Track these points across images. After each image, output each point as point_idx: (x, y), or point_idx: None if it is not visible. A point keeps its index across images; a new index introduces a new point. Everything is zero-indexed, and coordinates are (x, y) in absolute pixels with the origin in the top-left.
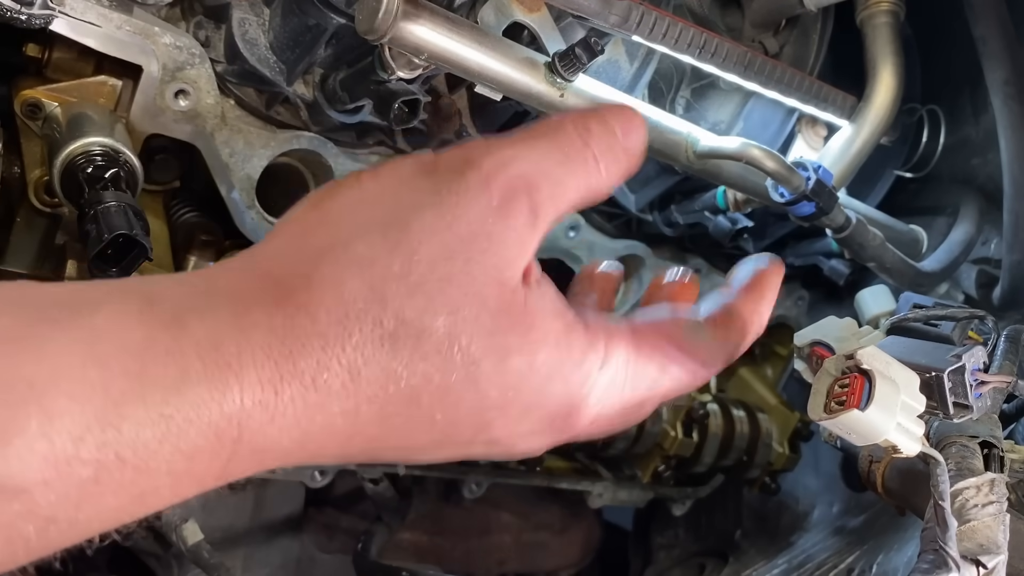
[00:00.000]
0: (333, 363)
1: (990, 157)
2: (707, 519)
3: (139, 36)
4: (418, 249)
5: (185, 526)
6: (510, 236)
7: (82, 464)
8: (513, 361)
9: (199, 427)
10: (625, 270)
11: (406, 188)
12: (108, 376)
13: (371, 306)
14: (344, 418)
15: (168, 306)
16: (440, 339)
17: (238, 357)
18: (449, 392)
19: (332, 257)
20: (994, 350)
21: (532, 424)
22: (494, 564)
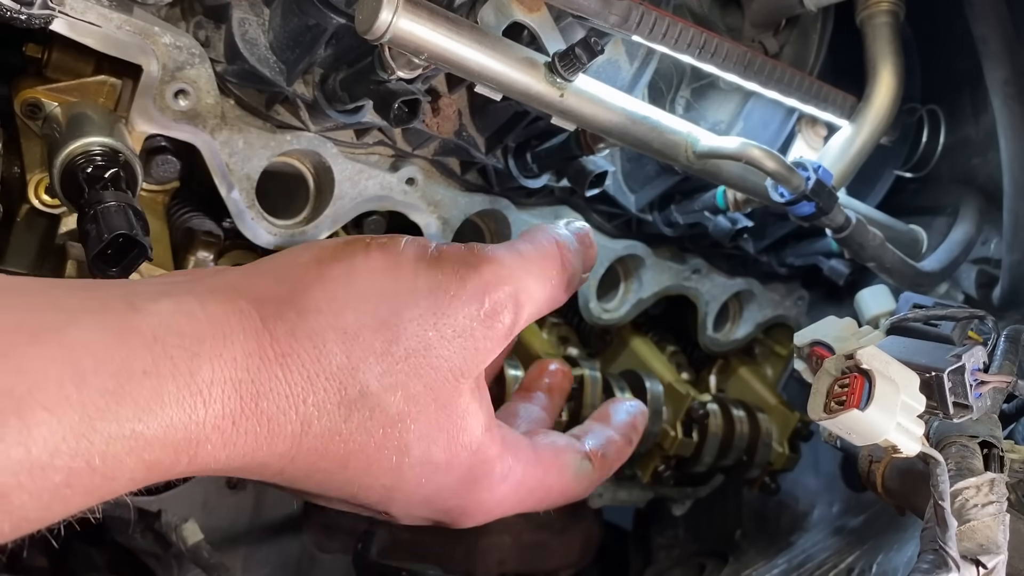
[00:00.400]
0: (291, 412)
1: (990, 157)
2: (707, 519)
3: (139, 36)
4: (401, 336)
5: (185, 526)
6: (485, 345)
7: (55, 471)
8: (436, 454)
9: (163, 444)
10: (625, 270)
11: (407, 274)
12: (86, 393)
13: (342, 373)
14: (281, 460)
15: (151, 323)
16: (389, 419)
17: (209, 387)
18: (375, 466)
19: (322, 319)
20: (994, 350)
21: (427, 512)
22: (494, 564)
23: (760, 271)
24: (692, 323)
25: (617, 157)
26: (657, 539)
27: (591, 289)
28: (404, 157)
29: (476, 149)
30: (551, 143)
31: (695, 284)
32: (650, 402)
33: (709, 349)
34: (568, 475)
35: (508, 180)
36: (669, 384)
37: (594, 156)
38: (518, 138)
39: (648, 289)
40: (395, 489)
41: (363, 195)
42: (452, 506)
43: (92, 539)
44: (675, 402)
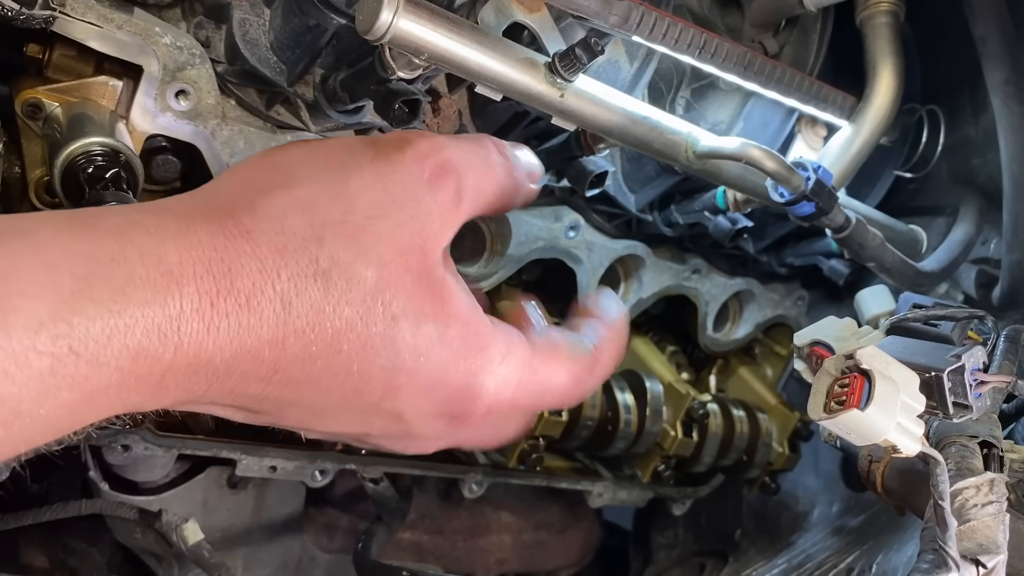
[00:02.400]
0: (268, 288)
1: (990, 157)
2: (707, 519)
3: (139, 36)
4: (355, 201)
5: (185, 526)
6: (436, 209)
7: (38, 356)
8: (427, 327)
9: (144, 325)
10: (625, 270)
11: (349, 152)
12: (57, 277)
13: (309, 243)
14: (271, 348)
15: (114, 221)
16: (368, 289)
17: (179, 266)
18: (368, 343)
19: (277, 195)
20: (994, 350)
21: (434, 402)
22: (494, 564)
23: (760, 271)
24: (692, 323)
25: (617, 157)
26: (657, 539)
27: (591, 289)
28: None
29: None
30: (551, 143)
31: (695, 284)
32: (650, 402)
33: (709, 349)
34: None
35: None
36: (669, 384)
37: (594, 156)
38: (518, 138)
39: (648, 289)
40: (396, 371)
41: None
42: (458, 385)
43: (93, 538)
44: (675, 402)
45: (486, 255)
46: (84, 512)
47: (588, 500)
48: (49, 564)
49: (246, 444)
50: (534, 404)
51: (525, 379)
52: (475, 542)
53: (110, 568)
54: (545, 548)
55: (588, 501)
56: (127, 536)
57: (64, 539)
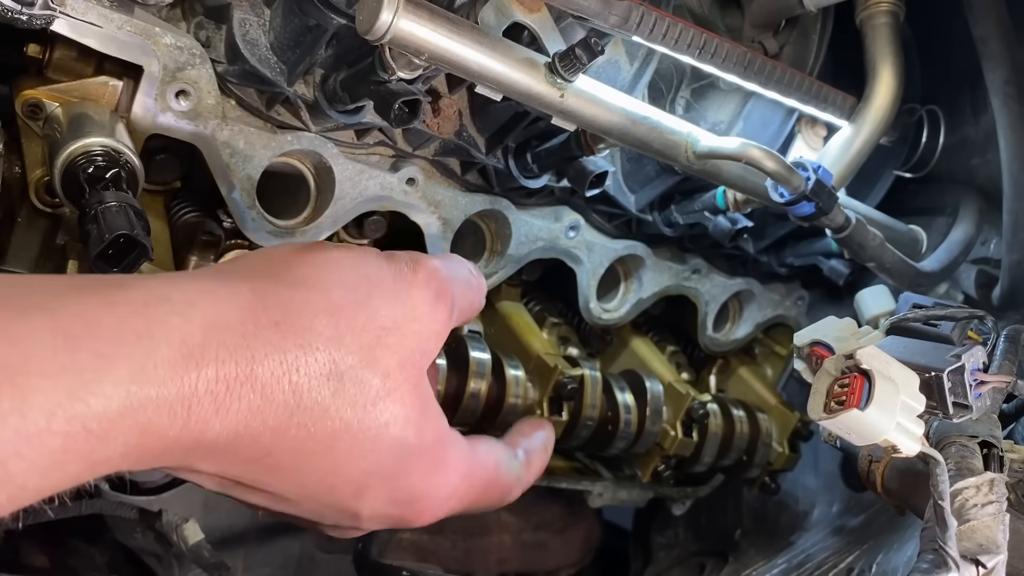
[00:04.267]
0: (284, 380)
1: (990, 157)
2: (707, 519)
3: (140, 36)
4: (376, 314)
5: (186, 526)
6: (436, 326)
7: (52, 436)
8: (409, 436)
9: (156, 404)
10: (625, 270)
11: (373, 267)
12: (80, 358)
13: (330, 345)
14: (272, 435)
15: (141, 294)
16: (371, 395)
17: (202, 349)
18: (358, 445)
19: (311, 294)
20: (993, 350)
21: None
22: (494, 564)
23: (760, 271)
24: (692, 323)
25: (617, 157)
26: (657, 539)
27: (591, 289)
28: (404, 157)
29: (476, 149)
30: (551, 143)
31: (695, 284)
32: (650, 402)
33: (709, 349)
34: (504, 473)
35: (508, 180)
36: (669, 384)
37: (594, 156)
38: (518, 138)
39: (648, 289)
40: (372, 475)
41: (364, 195)
42: (417, 494)
43: (93, 538)
44: (675, 402)
45: (486, 255)
46: (84, 512)
47: (588, 500)
48: (49, 564)
49: None
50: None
51: (465, 488)
52: (475, 542)
53: (110, 568)
54: (545, 548)
55: (588, 501)
56: (127, 536)
57: (64, 539)
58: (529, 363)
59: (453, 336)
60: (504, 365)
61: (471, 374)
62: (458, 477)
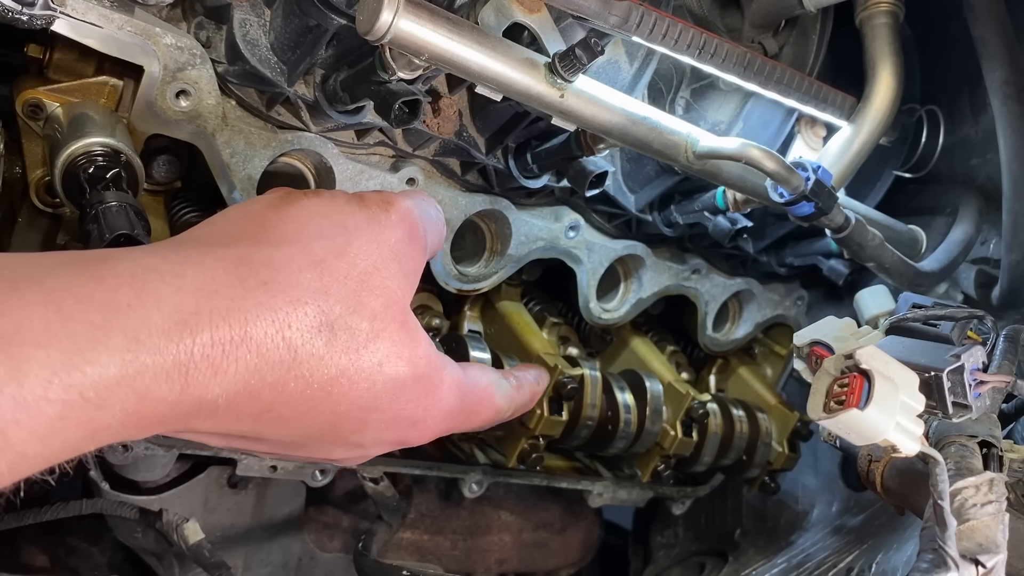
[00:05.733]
0: (278, 337)
1: (989, 157)
2: (707, 518)
3: (140, 37)
4: (357, 261)
5: (186, 525)
6: (413, 262)
7: (49, 404)
8: (402, 369)
9: (153, 371)
10: (625, 270)
11: (346, 213)
12: (72, 326)
13: (318, 296)
14: (271, 390)
15: (129, 266)
16: (363, 339)
17: (195, 315)
18: (355, 387)
19: (294, 249)
20: (993, 350)
21: (392, 432)
22: (494, 564)
23: (760, 271)
24: (692, 323)
25: (617, 157)
26: (657, 538)
27: (591, 289)
28: (405, 157)
29: (476, 149)
30: (551, 143)
31: (695, 284)
32: (650, 401)
33: (709, 349)
34: (493, 390)
35: (508, 180)
36: (669, 384)
37: (594, 156)
38: (518, 138)
39: (648, 289)
40: (371, 410)
41: None
42: (414, 418)
43: (93, 538)
44: (675, 402)
45: (486, 255)
46: (85, 512)
47: (588, 500)
48: (49, 564)
49: None
50: (467, 421)
51: (459, 406)
52: (475, 542)
53: (110, 568)
54: (545, 548)
55: (588, 501)
56: (128, 536)
57: (64, 539)
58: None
59: (453, 336)
60: (504, 365)
61: None
62: (452, 397)
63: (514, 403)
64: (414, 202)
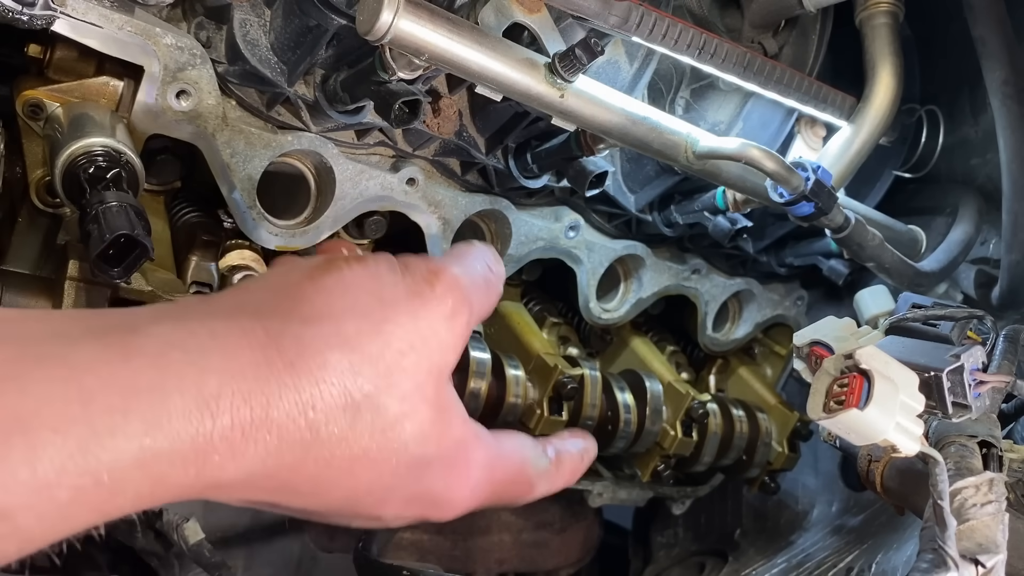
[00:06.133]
0: (300, 420)
1: (989, 157)
2: (707, 518)
3: (140, 37)
4: (392, 340)
5: (186, 525)
6: (454, 341)
7: (61, 489)
8: (429, 451)
9: (170, 456)
10: (625, 270)
11: (386, 284)
12: (92, 411)
13: (345, 377)
14: (289, 471)
15: (154, 342)
16: (389, 420)
17: (217, 399)
18: (376, 468)
19: (323, 327)
20: (993, 350)
21: (414, 509)
22: (494, 563)
23: (759, 271)
24: (692, 323)
25: (617, 157)
26: (657, 538)
27: (591, 289)
28: (405, 157)
29: (476, 149)
30: (551, 143)
31: (695, 284)
32: (650, 401)
33: (709, 349)
34: (529, 469)
35: (508, 180)
36: (669, 384)
37: (594, 156)
38: (518, 138)
39: (648, 289)
40: (394, 489)
41: (364, 195)
42: (438, 497)
43: (93, 538)
44: (675, 402)
45: None
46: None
47: (588, 499)
48: (49, 564)
49: None
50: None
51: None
52: (475, 542)
53: (110, 568)
54: (545, 547)
55: (588, 500)
56: (127, 536)
57: (64, 539)
58: (529, 363)
59: None
60: (504, 365)
61: (471, 374)
62: (480, 474)
63: (552, 483)
64: (463, 270)
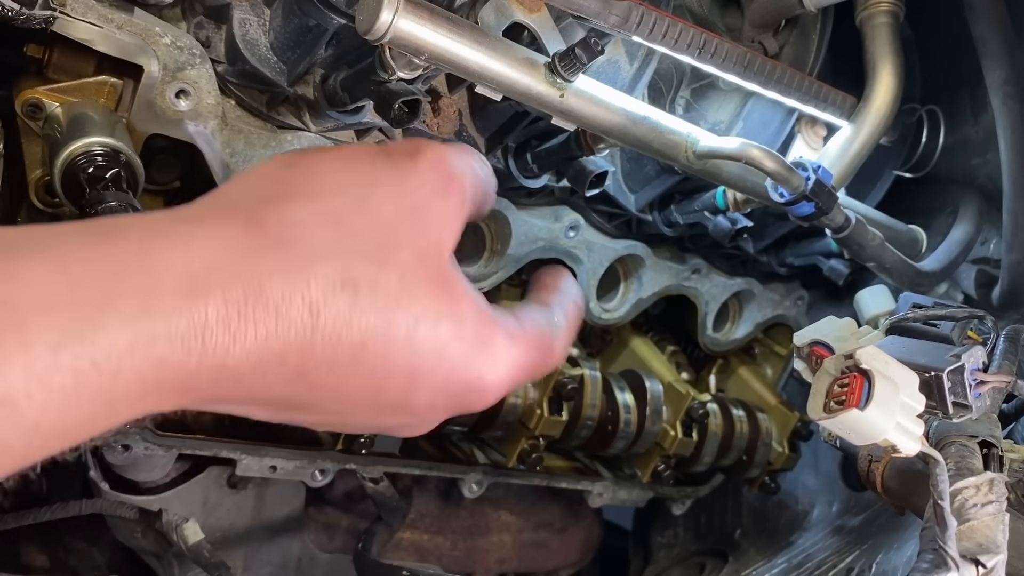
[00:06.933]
0: (296, 297)
1: (989, 157)
2: (707, 518)
3: (140, 36)
4: (377, 211)
5: (186, 525)
6: (448, 214)
7: (60, 373)
8: (444, 326)
9: (167, 337)
10: (625, 270)
11: (368, 164)
12: (79, 292)
13: (336, 253)
14: (298, 354)
15: (137, 231)
16: (392, 295)
17: (205, 276)
18: (391, 348)
19: (307, 205)
20: (993, 350)
21: (446, 397)
22: (494, 564)
23: (760, 271)
24: (692, 323)
25: (617, 157)
26: (657, 538)
27: (591, 289)
28: None
29: (476, 149)
30: (551, 143)
31: (695, 284)
32: (650, 402)
33: (709, 349)
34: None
35: (508, 180)
36: (669, 384)
37: (594, 156)
38: (518, 138)
39: (648, 289)
40: (415, 372)
41: None
42: (471, 378)
43: (93, 538)
44: (675, 402)
45: (486, 255)
46: (84, 512)
47: (588, 500)
48: (49, 564)
49: (246, 444)
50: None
51: (519, 364)
52: (475, 542)
53: (110, 568)
54: (545, 548)
55: (588, 501)
56: (127, 536)
57: (64, 539)
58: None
59: None
60: None
61: None
62: (507, 351)
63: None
64: (451, 148)
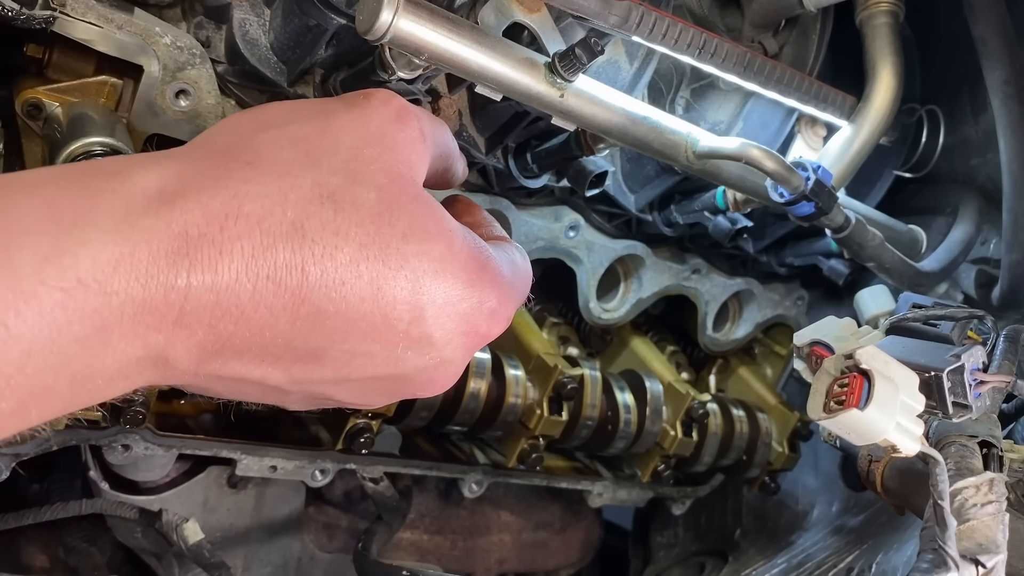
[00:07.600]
0: (277, 211)
1: (989, 157)
2: (707, 518)
3: (140, 36)
4: (341, 136)
5: (186, 525)
6: (409, 141)
7: (47, 291)
8: (436, 243)
9: (150, 251)
10: (625, 270)
11: (323, 104)
12: (59, 211)
13: (308, 169)
14: (292, 272)
15: (109, 164)
16: (373, 210)
17: (182, 193)
18: (386, 264)
19: (272, 131)
20: (993, 350)
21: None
22: (494, 564)
23: (760, 271)
24: (692, 323)
25: (617, 157)
26: (657, 538)
27: (591, 289)
28: None
29: (476, 149)
30: (551, 143)
31: (695, 284)
32: (650, 402)
33: (709, 349)
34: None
35: (508, 180)
36: (669, 384)
37: (594, 156)
38: (518, 138)
39: (648, 289)
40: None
41: None
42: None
43: (93, 538)
44: (675, 402)
45: None
46: (84, 512)
47: (588, 500)
48: (49, 564)
49: (246, 444)
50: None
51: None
52: (475, 542)
53: (110, 568)
54: (545, 548)
55: (588, 501)
56: (127, 536)
57: (64, 539)
58: (529, 363)
59: None
60: (504, 365)
61: (471, 373)
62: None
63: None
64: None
